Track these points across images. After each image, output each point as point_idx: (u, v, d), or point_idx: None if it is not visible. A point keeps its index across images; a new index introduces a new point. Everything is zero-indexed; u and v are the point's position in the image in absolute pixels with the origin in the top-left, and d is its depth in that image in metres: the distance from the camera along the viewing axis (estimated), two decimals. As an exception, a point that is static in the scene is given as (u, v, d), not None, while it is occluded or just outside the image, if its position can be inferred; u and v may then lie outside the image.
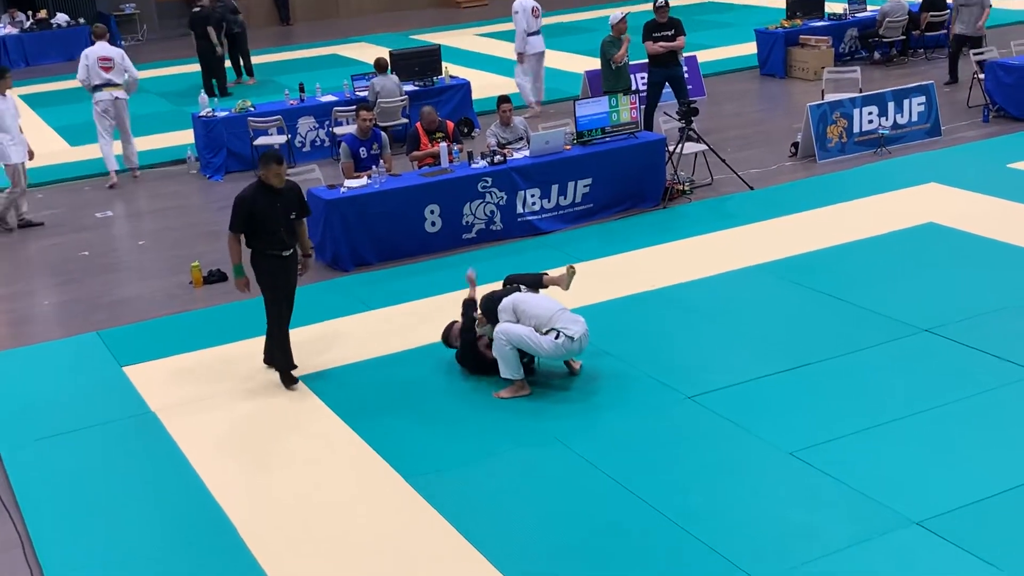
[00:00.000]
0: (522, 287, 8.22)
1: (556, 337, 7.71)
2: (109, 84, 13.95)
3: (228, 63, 19.50)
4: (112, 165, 14.14)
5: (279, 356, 8.34)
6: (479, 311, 8.22)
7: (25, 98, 20.28)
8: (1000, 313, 8.71)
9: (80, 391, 8.50)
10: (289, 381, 8.26)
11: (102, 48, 13.98)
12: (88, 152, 15.39)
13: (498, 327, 7.87)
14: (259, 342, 8.60)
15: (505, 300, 8.00)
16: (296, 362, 8.41)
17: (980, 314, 8.70)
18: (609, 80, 14.08)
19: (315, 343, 8.90)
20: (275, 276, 8.14)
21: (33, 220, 12.93)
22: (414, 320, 9.33)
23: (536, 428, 7.48)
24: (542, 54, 16.40)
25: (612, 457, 7.02)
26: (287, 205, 8.09)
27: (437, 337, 8.63)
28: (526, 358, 8.00)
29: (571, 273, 8.28)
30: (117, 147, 14.36)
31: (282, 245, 8.08)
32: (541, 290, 8.29)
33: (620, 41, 14.00)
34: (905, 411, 7.32)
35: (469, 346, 8.27)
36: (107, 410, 8.14)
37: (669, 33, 13.89)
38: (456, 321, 8.53)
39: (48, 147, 16.55)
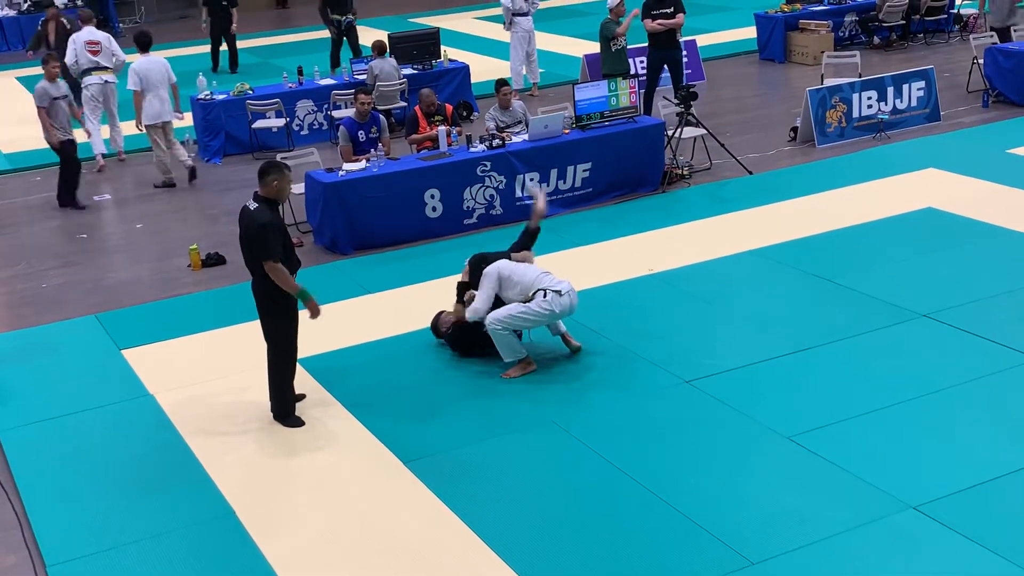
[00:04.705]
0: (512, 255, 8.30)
1: (544, 296, 7.78)
2: (98, 67, 13.97)
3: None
4: (99, 148, 14.11)
5: (291, 396, 7.63)
6: (467, 266, 8.29)
7: (22, 80, 20.26)
8: (998, 298, 8.71)
9: (78, 374, 8.51)
10: (297, 421, 7.58)
11: (89, 32, 14.02)
12: (86, 135, 15.34)
13: (488, 317, 7.90)
14: (258, 325, 7.91)
15: (490, 268, 8.01)
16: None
17: (978, 299, 8.71)
18: (608, 62, 14.05)
19: (313, 326, 8.88)
20: (295, 309, 7.44)
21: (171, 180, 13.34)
22: (413, 303, 9.33)
23: (534, 411, 7.49)
24: (529, 34, 16.40)
25: (609, 441, 7.03)
26: None
27: (435, 321, 8.65)
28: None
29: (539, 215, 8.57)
30: (104, 131, 14.34)
31: (299, 266, 7.45)
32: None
33: (619, 24, 13.97)
34: (903, 396, 7.33)
35: (465, 333, 8.27)
36: (105, 393, 8.14)
37: (668, 11, 13.85)
38: (444, 311, 8.53)
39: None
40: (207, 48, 19.60)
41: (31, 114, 16.72)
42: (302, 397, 7.76)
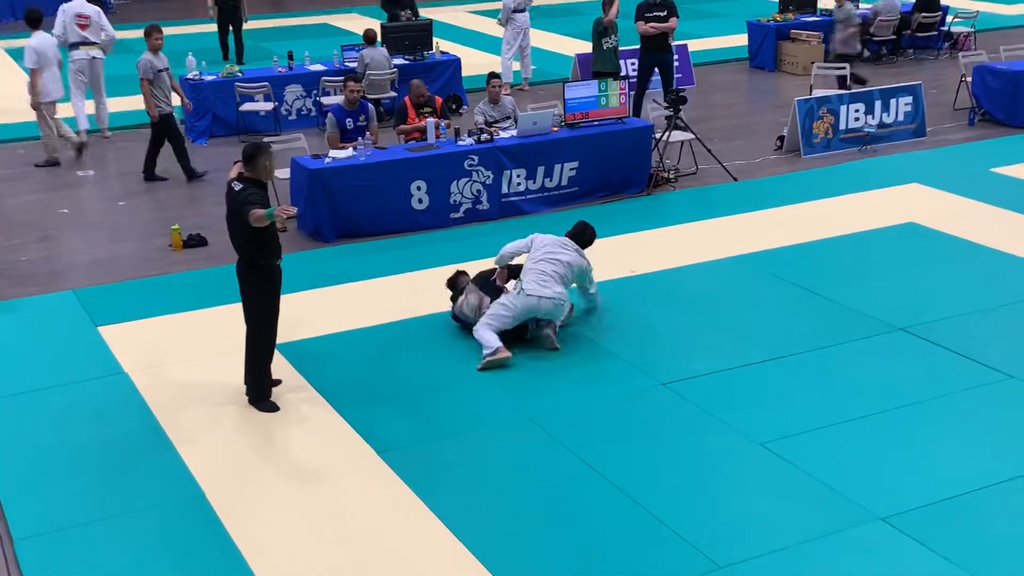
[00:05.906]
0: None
1: (516, 290, 8.04)
2: (86, 42, 13.88)
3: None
4: (83, 124, 13.99)
5: (268, 381, 7.63)
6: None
7: (13, 52, 20.11)
8: (975, 315, 8.77)
9: (53, 349, 8.46)
10: (272, 406, 7.57)
11: (80, 5, 13.89)
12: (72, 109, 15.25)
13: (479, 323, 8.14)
14: (237, 308, 7.93)
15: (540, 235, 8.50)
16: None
17: (955, 315, 8.76)
18: (599, 60, 14.07)
19: (292, 313, 8.86)
20: (278, 293, 7.47)
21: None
22: (393, 293, 9.32)
23: (510, 407, 7.50)
24: (524, 29, 16.50)
25: (583, 439, 7.05)
26: None
27: (416, 311, 8.68)
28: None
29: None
30: (89, 106, 14.25)
31: (280, 251, 7.40)
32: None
33: (613, 24, 14.00)
34: (876, 408, 7.37)
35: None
36: (80, 369, 8.10)
37: (662, 14, 13.88)
38: (463, 273, 8.74)
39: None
40: (201, 28, 19.44)
41: (15, 84, 16.69)
42: (278, 382, 7.74)
